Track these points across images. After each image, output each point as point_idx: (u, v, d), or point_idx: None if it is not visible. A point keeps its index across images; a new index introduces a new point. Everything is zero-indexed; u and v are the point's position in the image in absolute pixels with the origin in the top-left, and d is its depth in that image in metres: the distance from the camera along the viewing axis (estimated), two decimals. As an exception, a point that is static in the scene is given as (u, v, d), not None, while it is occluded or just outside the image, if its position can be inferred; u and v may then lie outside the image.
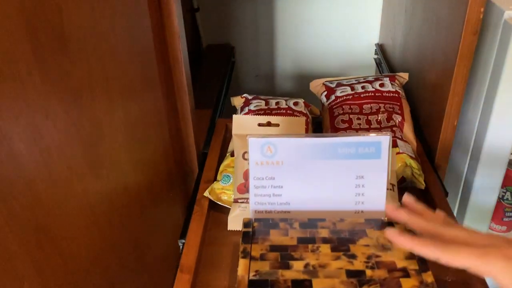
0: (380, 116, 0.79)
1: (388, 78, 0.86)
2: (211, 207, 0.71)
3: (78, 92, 0.47)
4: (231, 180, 0.71)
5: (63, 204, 0.46)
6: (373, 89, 0.84)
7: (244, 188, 0.68)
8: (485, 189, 1.01)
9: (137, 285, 0.67)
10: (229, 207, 0.69)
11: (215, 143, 0.85)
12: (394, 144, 0.73)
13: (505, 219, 1.16)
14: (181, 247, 0.66)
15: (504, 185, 1.08)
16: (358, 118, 0.80)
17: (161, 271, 0.73)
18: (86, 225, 0.51)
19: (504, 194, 1.11)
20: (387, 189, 0.67)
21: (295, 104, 0.83)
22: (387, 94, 0.83)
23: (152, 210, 0.70)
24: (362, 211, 0.60)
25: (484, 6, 0.67)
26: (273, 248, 0.53)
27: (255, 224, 0.57)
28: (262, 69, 1.52)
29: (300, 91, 1.51)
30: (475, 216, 1.06)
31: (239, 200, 0.68)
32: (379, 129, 0.77)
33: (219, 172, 0.74)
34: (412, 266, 0.51)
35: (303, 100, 0.85)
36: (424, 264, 0.51)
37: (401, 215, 0.51)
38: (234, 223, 0.68)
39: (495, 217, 1.15)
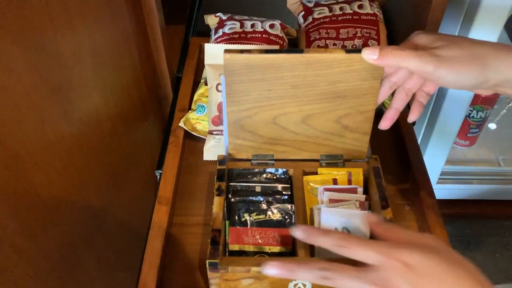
0: (356, 42, 0.78)
1: (367, -1, 0.83)
2: (187, 135, 0.73)
3: (39, 32, 0.45)
4: (205, 111, 0.72)
5: (37, 155, 0.46)
6: (351, 11, 0.81)
7: (218, 120, 0.70)
8: (454, 106, 1.04)
9: (118, 217, 0.71)
10: (204, 137, 0.71)
11: (189, 66, 0.83)
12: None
13: (469, 135, 1.23)
14: (158, 177, 0.69)
15: (472, 103, 1.12)
16: (334, 44, 0.78)
17: (140, 201, 0.76)
18: (63, 167, 0.53)
19: (471, 112, 1.15)
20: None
21: (271, 26, 0.81)
22: (365, 17, 0.81)
23: (128, 142, 0.71)
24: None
25: None
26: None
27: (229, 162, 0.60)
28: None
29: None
30: (443, 129, 1.11)
31: (214, 132, 0.70)
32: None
33: (193, 101, 0.75)
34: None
35: (280, 22, 0.82)
36: (384, 200, 0.55)
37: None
38: (210, 154, 0.70)
39: (461, 132, 1.21)
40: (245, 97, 0.56)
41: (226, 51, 0.52)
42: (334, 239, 0.41)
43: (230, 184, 0.60)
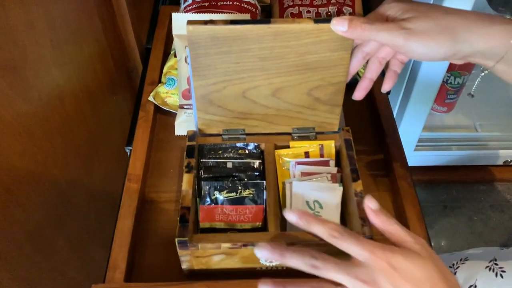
0: (330, 9, 0.76)
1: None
2: (157, 109, 0.71)
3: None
4: (176, 84, 0.70)
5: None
6: (326, -24, 0.79)
7: (188, 94, 0.67)
8: (431, 72, 1.03)
9: (89, 195, 0.69)
10: (175, 112, 0.69)
11: (158, 36, 0.80)
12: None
13: (447, 101, 1.23)
14: (128, 154, 0.67)
15: (449, 69, 1.11)
16: (308, 11, 0.76)
17: (112, 178, 0.75)
18: (23, 148, 0.51)
19: (448, 78, 1.15)
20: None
21: (243, -7, 0.77)
22: (339, -18, 0.78)
23: (95, 118, 0.69)
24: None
25: None
26: (215, 163, 0.55)
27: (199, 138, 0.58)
28: None
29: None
30: (420, 96, 1.11)
31: (185, 106, 0.68)
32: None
33: (163, 74, 0.72)
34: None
35: (253, -13, 0.79)
36: (355, 173, 0.55)
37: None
38: (181, 128, 0.68)
39: (438, 98, 1.21)
40: (212, 71, 0.54)
41: (189, 22, 0.49)
42: (327, 229, 0.41)
43: (201, 160, 0.58)
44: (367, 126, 0.71)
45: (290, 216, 0.43)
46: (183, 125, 0.68)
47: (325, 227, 0.42)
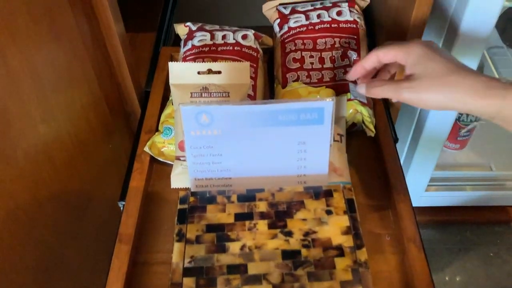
0: (334, 53, 0.73)
1: (347, 4, 0.77)
2: (154, 159, 0.68)
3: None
4: (172, 134, 0.67)
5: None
6: (329, 19, 0.76)
7: (184, 146, 0.65)
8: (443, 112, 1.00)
9: (80, 253, 0.66)
10: (171, 162, 0.66)
11: (157, 80, 0.78)
12: (346, 89, 0.68)
13: (459, 138, 1.19)
14: (121, 208, 0.64)
15: (461, 109, 1.07)
16: (311, 56, 0.73)
17: (106, 232, 0.71)
18: (6, 213, 0.48)
19: (461, 115, 1.11)
20: (335, 140, 0.65)
21: (244, 37, 0.75)
22: (344, 25, 0.75)
23: (87, 170, 0.66)
24: (304, 175, 0.58)
25: None
26: (210, 228, 0.52)
27: (192, 199, 0.55)
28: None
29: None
30: (431, 135, 1.07)
31: (181, 158, 0.65)
32: (333, 69, 0.71)
33: (160, 122, 0.70)
34: (348, 243, 0.51)
35: (253, 32, 0.77)
36: (359, 239, 0.51)
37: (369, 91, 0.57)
38: (177, 181, 0.65)
39: (450, 135, 1.16)
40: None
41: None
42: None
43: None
44: (372, 179, 0.67)
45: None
46: (179, 177, 0.65)
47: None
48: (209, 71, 0.65)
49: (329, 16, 0.76)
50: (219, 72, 0.65)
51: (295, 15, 0.78)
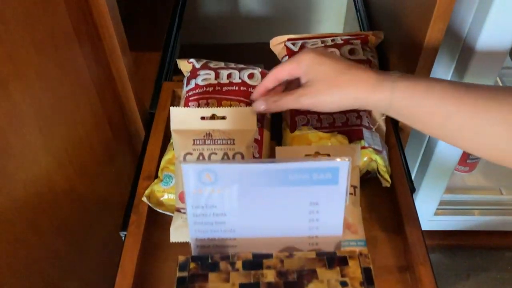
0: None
1: (359, 41, 0.72)
2: (152, 209, 0.63)
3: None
4: (173, 182, 0.63)
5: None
6: (341, 56, 0.71)
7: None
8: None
9: (82, 286, 0.62)
10: (171, 214, 0.62)
11: (158, 120, 0.73)
12: (360, 136, 0.64)
13: (469, 161, 1.15)
14: (123, 238, 0.60)
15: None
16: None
17: (110, 264, 0.66)
18: (3, 247, 0.44)
19: (472, 143, 1.07)
20: (350, 193, 0.61)
21: (250, 76, 0.70)
22: (356, 62, 0.71)
23: (89, 196, 0.62)
24: (316, 236, 0.54)
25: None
26: (212, 304, 0.48)
27: (192, 266, 0.51)
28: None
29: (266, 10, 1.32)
30: (441, 159, 1.03)
31: (182, 210, 0.61)
32: (345, 113, 0.66)
33: (160, 168, 0.65)
34: (364, 320, 0.47)
35: (260, 69, 0.71)
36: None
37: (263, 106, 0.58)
38: (177, 235, 0.61)
39: (460, 158, 1.12)
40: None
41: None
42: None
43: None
44: (388, 235, 0.62)
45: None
46: (179, 231, 0.61)
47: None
48: (213, 117, 0.61)
49: (341, 55, 0.71)
50: (224, 118, 0.61)
51: (303, 49, 0.73)
